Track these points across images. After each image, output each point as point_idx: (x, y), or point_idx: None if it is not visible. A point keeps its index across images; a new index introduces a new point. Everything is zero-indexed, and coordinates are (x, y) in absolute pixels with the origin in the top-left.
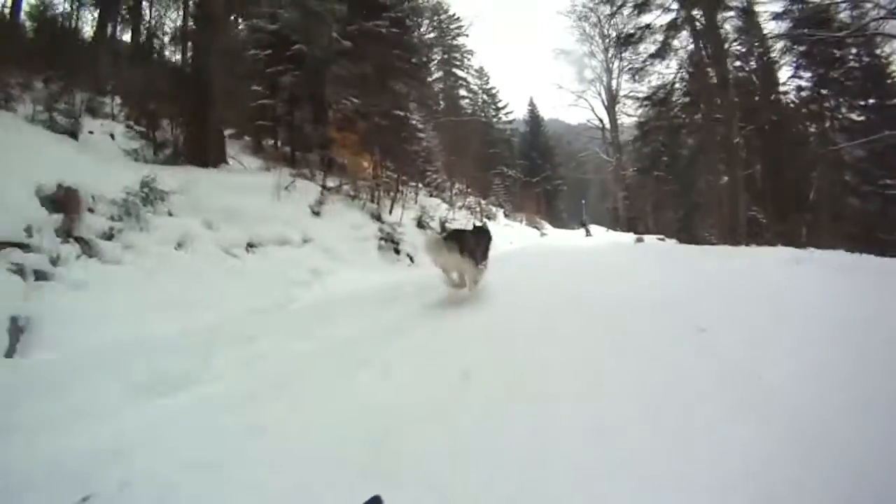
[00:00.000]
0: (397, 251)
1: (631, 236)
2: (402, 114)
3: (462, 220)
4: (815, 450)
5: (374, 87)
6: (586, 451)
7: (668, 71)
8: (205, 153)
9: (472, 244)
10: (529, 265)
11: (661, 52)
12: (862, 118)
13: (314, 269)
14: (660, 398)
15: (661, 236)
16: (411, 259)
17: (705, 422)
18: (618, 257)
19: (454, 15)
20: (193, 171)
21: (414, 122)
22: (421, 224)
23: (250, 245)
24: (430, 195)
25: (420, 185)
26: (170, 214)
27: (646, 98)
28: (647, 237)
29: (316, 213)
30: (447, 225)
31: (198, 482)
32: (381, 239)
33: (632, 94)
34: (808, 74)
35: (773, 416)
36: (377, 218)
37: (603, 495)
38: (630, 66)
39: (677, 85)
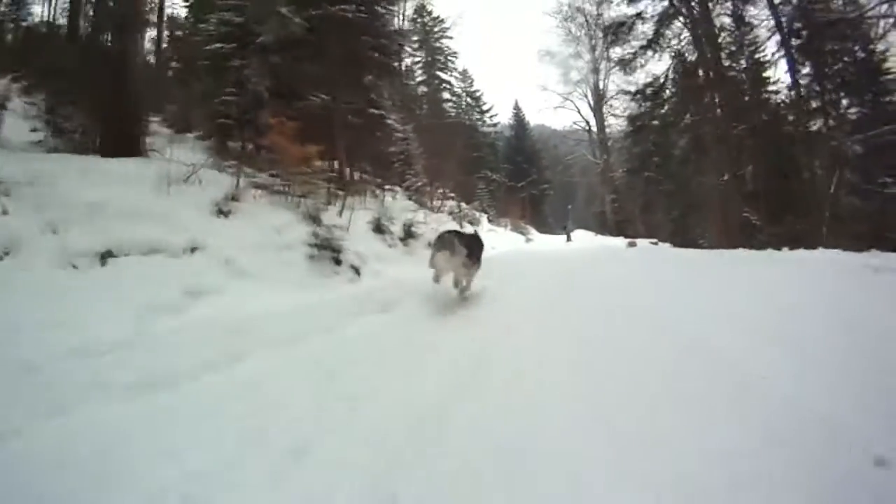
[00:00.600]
0: (338, 261)
1: (621, 240)
2: (377, 112)
3: (435, 225)
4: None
5: (339, 78)
6: (585, 451)
7: (659, 65)
8: (117, 142)
9: (476, 249)
10: (517, 272)
11: (653, 44)
12: (859, 114)
13: (193, 287)
14: (659, 398)
15: (654, 240)
16: (357, 272)
17: (704, 421)
18: (618, 266)
19: (438, 17)
20: (80, 160)
21: (391, 121)
22: (380, 228)
23: (108, 254)
24: (410, 198)
25: (397, 188)
26: (4, 213)
27: (637, 92)
28: (638, 241)
29: (223, 213)
30: (412, 229)
31: None
32: (315, 246)
33: (621, 90)
34: (804, 70)
35: (772, 415)
36: (314, 219)
37: (601, 494)
38: (620, 58)
39: (669, 79)
